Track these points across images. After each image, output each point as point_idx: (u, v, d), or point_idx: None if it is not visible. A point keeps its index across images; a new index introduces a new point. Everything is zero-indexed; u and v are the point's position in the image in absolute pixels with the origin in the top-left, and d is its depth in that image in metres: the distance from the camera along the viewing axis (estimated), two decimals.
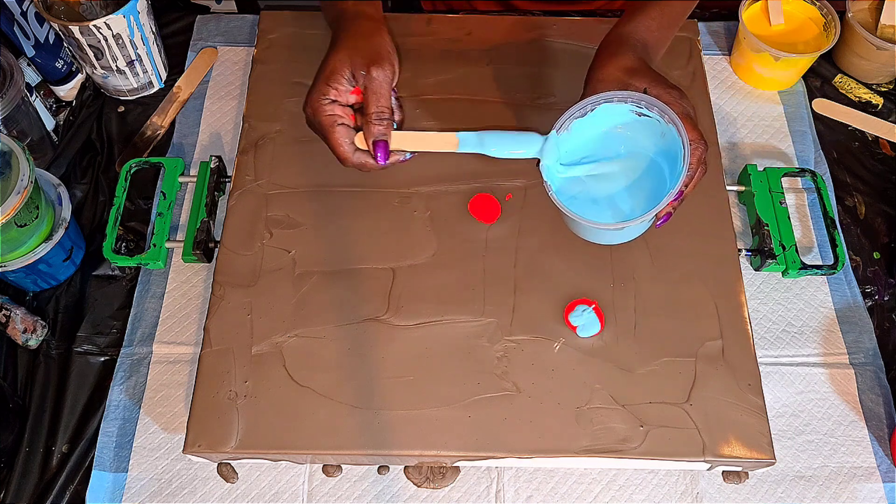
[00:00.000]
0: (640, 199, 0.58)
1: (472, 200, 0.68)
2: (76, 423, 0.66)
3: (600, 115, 0.57)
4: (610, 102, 0.56)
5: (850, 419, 0.66)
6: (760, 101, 0.83)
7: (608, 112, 0.57)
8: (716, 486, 0.63)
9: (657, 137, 0.57)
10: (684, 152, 0.53)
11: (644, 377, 0.61)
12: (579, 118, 0.57)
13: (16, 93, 0.72)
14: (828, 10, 0.81)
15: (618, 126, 0.58)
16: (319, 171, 0.70)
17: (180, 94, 0.83)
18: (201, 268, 0.72)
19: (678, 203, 0.56)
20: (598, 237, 0.61)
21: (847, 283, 0.72)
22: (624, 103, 0.56)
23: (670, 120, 0.54)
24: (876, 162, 0.80)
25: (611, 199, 0.59)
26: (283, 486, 0.63)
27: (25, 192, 0.62)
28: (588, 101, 0.56)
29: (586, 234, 0.61)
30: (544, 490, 0.62)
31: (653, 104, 0.55)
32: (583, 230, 0.60)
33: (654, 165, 0.58)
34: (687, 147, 0.53)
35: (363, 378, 0.60)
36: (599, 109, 0.57)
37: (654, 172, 0.58)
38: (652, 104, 0.55)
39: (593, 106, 0.56)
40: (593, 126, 0.58)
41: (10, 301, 0.70)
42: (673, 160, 0.55)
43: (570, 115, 0.57)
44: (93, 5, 0.80)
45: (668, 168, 0.57)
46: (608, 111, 0.57)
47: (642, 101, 0.55)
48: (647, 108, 0.55)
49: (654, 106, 0.55)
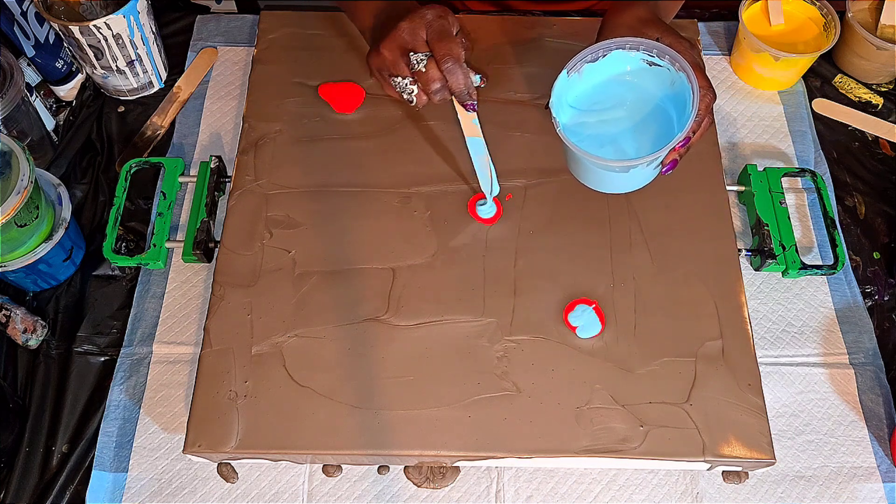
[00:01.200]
0: (647, 145, 0.58)
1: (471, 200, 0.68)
2: (76, 423, 0.66)
3: (611, 61, 0.58)
4: (622, 49, 0.57)
5: (850, 419, 0.66)
6: (760, 101, 0.83)
7: (619, 59, 0.57)
8: (716, 486, 0.63)
9: (666, 86, 0.57)
10: (694, 98, 0.53)
11: (644, 377, 0.61)
12: (591, 62, 0.57)
13: (16, 93, 0.72)
14: (828, 10, 0.81)
15: (628, 74, 0.59)
16: (319, 171, 0.70)
17: (180, 94, 0.83)
18: (201, 268, 0.72)
19: (685, 150, 0.56)
20: (604, 182, 0.60)
21: (847, 283, 0.72)
22: (636, 51, 0.56)
23: (681, 67, 0.55)
24: (876, 162, 0.80)
25: (617, 143, 0.59)
26: (283, 486, 0.63)
27: (25, 192, 0.62)
28: (601, 46, 0.57)
29: (592, 180, 0.60)
30: (544, 490, 0.62)
31: (664, 52, 0.55)
32: (588, 174, 0.60)
33: (663, 113, 0.58)
34: (697, 93, 0.53)
35: (363, 378, 0.60)
36: (611, 55, 0.57)
37: (663, 120, 0.58)
38: (663, 52, 0.55)
39: (605, 51, 0.57)
40: (604, 71, 0.59)
41: (10, 301, 0.70)
42: (681, 108, 0.56)
43: (581, 59, 0.57)
44: (93, 5, 0.80)
45: (677, 116, 0.57)
46: (619, 58, 0.57)
47: (654, 48, 0.56)
48: (659, 55, 0.56)
49: (666, 54, 0.55)
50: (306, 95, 0.74)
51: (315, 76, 0.75)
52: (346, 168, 0.70)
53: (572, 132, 0.58)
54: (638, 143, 0.58)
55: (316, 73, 0.76)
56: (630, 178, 0.58)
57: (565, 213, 0.68)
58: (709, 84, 0.56)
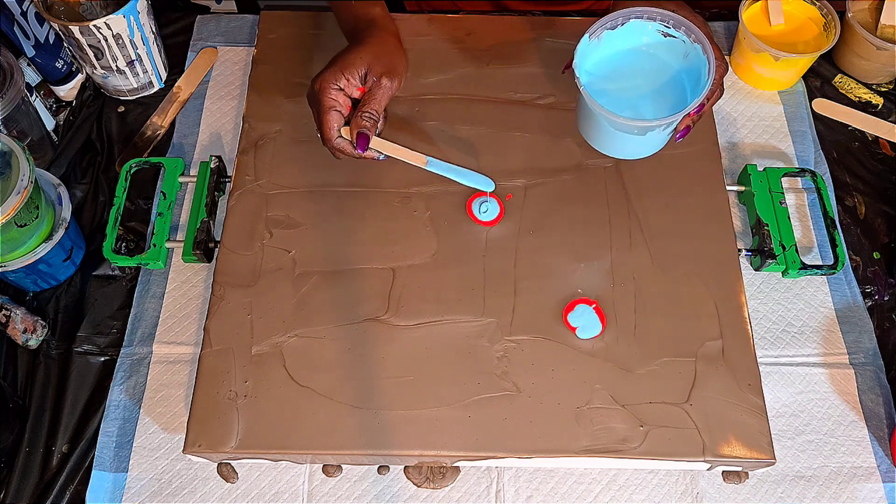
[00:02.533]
0: (663, 111, 0.60)
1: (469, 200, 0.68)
2: (76, 423, 0.66)
3: (629, 30, 0.61)
4: (640, 18, 0.60)
5: (850, 419, 0.66)
6: (760, 101, 0.83)
7: (637, 29, 0.61)
8: (716, 486, 0.63)
9: (680, 58, 0.60)
10: (710, 66, 0.56)
11: (644, 377, 0.61)
12: (610, 29, 0.60)
13: (16, 93, 0.72)
14: (828, 10, 0.81)
15: (644, 45, 0.62)
16: (319, 171, 0.70)
17: (180, 94, 0.83)
18: (201, 268, 0.72)
19: (698, 118, 0.59)
20: (617, 146, 0.62)
21: (847, 283, 0.72)
22: (653, 20, 0.59)
23: (696, 39, 0.58)
24: (876, 162, 0.80)
25: (636, 108, 0.61)
26: (283, 486, 0.63)
27: (25, 192, 0.62)
28: (620, 14, 0.60)
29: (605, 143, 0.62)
30: (544, 490, 0.62)
31: (680, 23, 0.58)
32: (603, 137, 0.61)
33: (678, 83, 0.61)
34: (713, 62, 0.56)
35: (363, 378, 0.60)
36: (629, 24, 0.60)
37: (678, 89, 0.61)
38: (680, 23, 0.58)
39: (624, 19, 0.60)
40: (622, 41, 0.61)
41: (10, 301, 0.70)
42: (695, 79, 0.59)
43: (601, 24, 0.60)
44: (93, 5, 0.80)
45: (690, 87, 0.60)
46: (636, 28, 0.60)
47: (670, 19, 0.59)
48: (675, 27, 0.59)
49: (682, 25, 0.58)
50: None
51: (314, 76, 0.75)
52: (346, 168, 0.70)
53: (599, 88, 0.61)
54: (655, 109, 0.61)
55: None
56: (644, 142, 0.61)
57: (566, 213, 0.68)
58: (721, 56, 0.59)
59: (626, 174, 0.70)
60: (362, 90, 0.62)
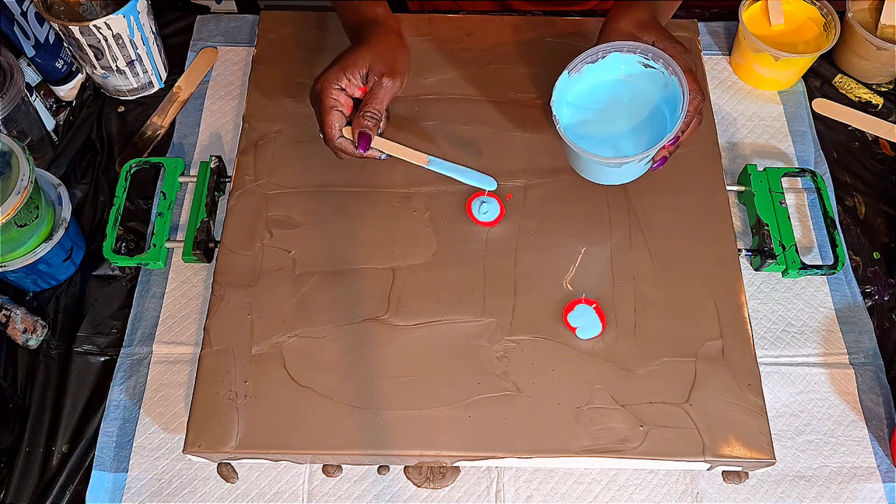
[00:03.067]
0: (642, 142, 0.62)
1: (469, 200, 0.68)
2: (76, 423, 0.66)
3: (610, 62, 0.62)
4: (620, 52, 0.61)
5: (850, 419, 0.66)
6: (760, 101, 0.83)
7: (617, 61, 0.62)
8: (716, 486, 0.63)
9: (660, 88, 0.62)
10: (683, 100, 0.57)
11: (644, 377, 0.61)
12: (590, 63, 0.62)
13: (16, 93, 0.72)
14: (828, 10, 0.81)
15: (625, 75, 0.63)
16: (319, 171, 0.70)
17: (180, 94, 0.83)
18: (201, 268, 0.72)
19: (674, 148, 0.60)
20: (601, 176, 0.64)
21: (847, 283, 0.72)
22: (633, 53, 0.61)
23: (673, 71, 0.59)
24: (876, 162, 0.80)
25: (615, 140, 0.63)
26: (283, 486, 0.63)
27: (25, 192, 0.62)
28: (600, 48, 0.61)
29: (589, 173, 0.64)
30: (544, 490, 0.62)
31: (658, 56, 0.60)
32: (586, 168, 0.64)
33: (657, 113, 0.62)
34: (686, 95, 0.58)
35: (363, 378, 0.60)
36: (610, 57, 0.62)
37: (657, 119, 0.63)
38: (658, 56, 0.60)
39: (604, 53, 0.61)
40: (603, 73, 0.63)
41: (10, 301, 0.70)
42: (674, 108, 0.60)
43: (582, 59, 0.62)
44: (93, 5, 0.80)
45: (670, 115, 0.61)
46: (617, 60, 0.62)
47: (649, 52, 0.60)
48: (654, 59, 0.60)
49: (660, 57, 0.60)
50: (306, 95, 0.74)
51: (315, 76, 0.75)
52: (346, 168, 0.70)
53: (572, 129, 0.62)
54: (634, 140, 0.62)
55: (316, 73, 0.75)
56: (624, 172, 0.62)
57: (566, 213, 0.68)
58: (699, 87, 0.60)
59: None
60: (364, 90, 0.62)
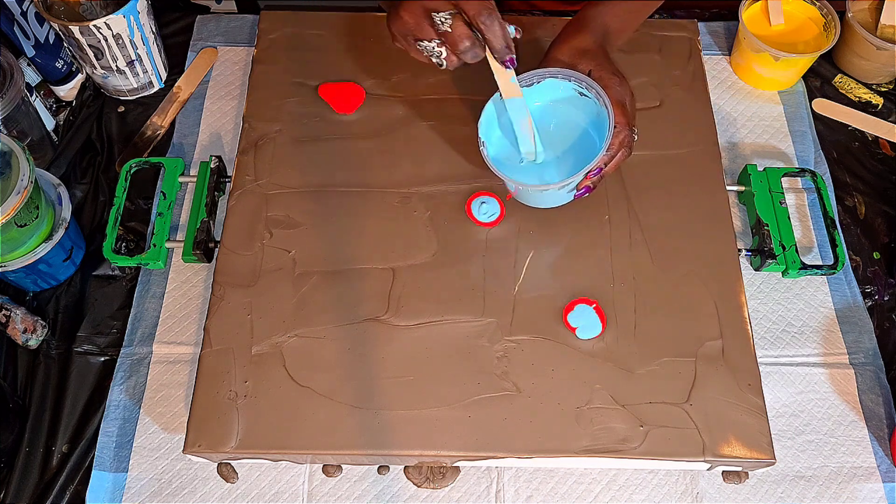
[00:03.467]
0: (568, 168, 0.63)
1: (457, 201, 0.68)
2: (76, 423, 0.66)
3: (546, 87, 0.62)
4: (555, 78, 0.61)
5: (850, 419, 0.66)
6: (760, 101, 0.83)
7: (553, 86, 0.62)
8: (716, 486, 0.63)
9: (594, 116, 0.62)
10: (608, 133, 0.58)
11: (644, 377, 0.61)
12: (526, 87, 0.61)
13: (16, 93, 0.72)
14: (828, 10, 0.81)
15: (561, 100, 0.63)
16: (319, 171, 0.70)
17: (180, 94, 0.83)
18: (201, 268, 0.72)
19: (598, 179, 0.60)
20: (530, 200, 0.65)
21: (847, 283, 0.72)
22: (567, 81, 0.61)
23: (603, 103, 0.59)
24: (876, 162, 0.80)
25: (544, 165, 0.63)
26: (283, 486, 0.63)
27: (25, 192, 0.62)
28: (535, 73, 0.61)
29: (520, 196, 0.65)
30: (544, 490, 0.62)
31: (591, 86, 0.59)
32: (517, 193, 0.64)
33: (589, 140, 0.63)
34: (611, 129, 0.57)
35: (363, 378, 0.60)
36: (545, 82, 0.62)
37: (588, 146, 0.63)
38: (590, 86, 0.60)
39: (539, 78, 0.61)
40: (539, 96, 0.63)
41: (10, 301, 0.70)
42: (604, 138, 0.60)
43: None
44: (93, 5, 0.80)
45: (600, 144, 0.60)
46: (553, 85, 0.62)
47: (582, 81, 0.60)
48: (587, 88, 0.60)
49: (592, 88, 0.59)
50: (306, 95, 0.74)
51: (315, 76, 0.75)
52: (346, 168, 0.70)
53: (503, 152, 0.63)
54: (561, 167, 0.63)
55: (316, 73, 0.76)
56: (546, 198, 0.63)
57: (565, 213, 0.68)
58: (627, 122, 0.60)
59: (626, 174, 0.70)
60: None
